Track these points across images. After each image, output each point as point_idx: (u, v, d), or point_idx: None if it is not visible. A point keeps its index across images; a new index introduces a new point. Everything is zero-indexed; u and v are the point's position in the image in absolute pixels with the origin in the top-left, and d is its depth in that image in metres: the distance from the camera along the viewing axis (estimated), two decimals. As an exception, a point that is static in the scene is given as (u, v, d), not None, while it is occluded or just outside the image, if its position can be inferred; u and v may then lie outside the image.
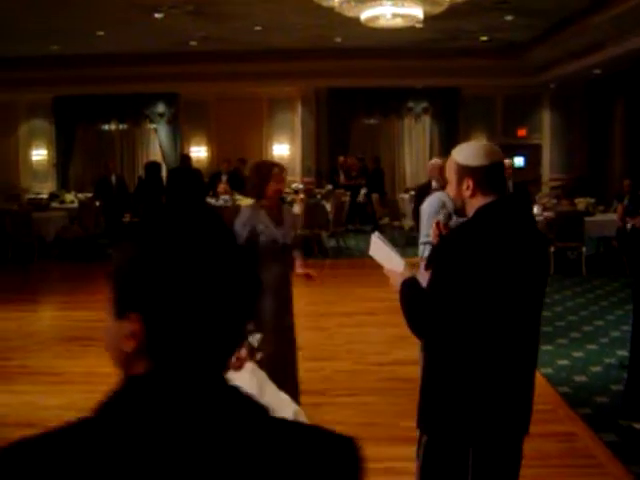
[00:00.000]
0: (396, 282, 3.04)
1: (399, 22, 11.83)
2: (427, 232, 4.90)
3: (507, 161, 7.41)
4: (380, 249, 3.24)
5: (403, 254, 3.19)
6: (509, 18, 14.25)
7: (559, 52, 15.98)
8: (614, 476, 4.74)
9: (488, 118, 19.56)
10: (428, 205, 5.63)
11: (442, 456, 2.97)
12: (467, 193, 2.93)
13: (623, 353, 7.22)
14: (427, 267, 3.52)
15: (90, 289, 11.36)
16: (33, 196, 18.00)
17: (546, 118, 20.19)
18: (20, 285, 12.06)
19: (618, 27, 12.89)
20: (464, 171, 2.93)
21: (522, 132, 20.07)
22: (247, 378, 4.42)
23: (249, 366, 4.55)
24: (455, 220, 4.34)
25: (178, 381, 1.10)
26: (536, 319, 3.02)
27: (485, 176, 2.90)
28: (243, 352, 4.62)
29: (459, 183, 2.95)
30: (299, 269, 5.70)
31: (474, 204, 2.93)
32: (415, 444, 3.22)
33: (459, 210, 3.24)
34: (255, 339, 4.71)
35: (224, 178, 16.48)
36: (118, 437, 1.05)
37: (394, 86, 19.26)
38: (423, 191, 7.06)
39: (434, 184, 6.70)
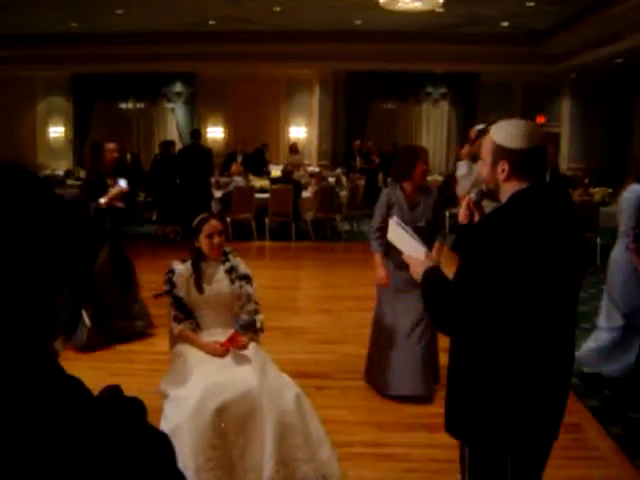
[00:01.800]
0: (417, 270, 2.87)
1: (418, 6, 11.76)
2: None
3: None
4: (399, 234, 3.07)
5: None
6: (530, 4, 14.09)
7: (580, 40, 15.80)
8: (618, 468, 4.70)
9: (507, 105, 19.39)
10: None
11: (486, 467, 2.77)
12: (502, 176, 2.72)
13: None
14: (454, 249, 3.29)
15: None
16: (49, 173, 18.06)
17: (565, 107, 20.04)
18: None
19: (638, 16, 12.72)
20: (501, 152, 2.72)
21: (541, 120, 19.90)
22: (250, 358, 4.42)
23: (252, 346, 4.55)
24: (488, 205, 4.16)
25: None
26: (573, 315, 2.81)
27: (523, 160, 2.69)
28: (247, 336, 4.62)
29: (494, 164, 2.75)
30: (434, 253, 5.61)
31: (508, 189, 2.73)
32: (423, 430, 3.18)
33: (490, 192, 2.91)
34: (258, 319, 4.70)
35: (239, 159, 16.46)
36: None
37: (413, 71, 19.18)
38: None
39: None
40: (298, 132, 20.59)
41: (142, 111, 20.94)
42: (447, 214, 12.33)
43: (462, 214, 3.14)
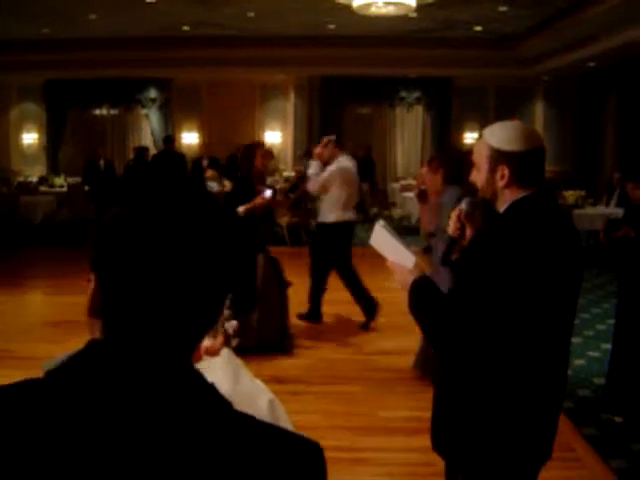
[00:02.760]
0: (404, 280, 2.62)
1: (391, 10, 11.76)
2: None
3: None
4: (384, 239, 2.78)
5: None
6: (503, 9, 14.16)
7: (553, 44, 15.90)
8: (592, 470, 4.72)
9: (481, 109, 19.48)
10: None
11: None
12: (501, 183, 2.54)
13: (608, 347, 7.20)
14: (444, 263, 3.07)
15: (77, 274, 11.28)
16: (23, 179, 17.92)
17: (539, 110, 20.17)
18: (6, 269, 11.98)
19: (613, 20, 12.80)
20: (499, 157, 2.53)
21: (514, 123, 20.00)
22: (222, 364, 4.39)
23: (225, 352, 4.52)
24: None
25: (128, 352, 1.06)
26: (570, 331, 2.65)
27: (524, 164, 2.52)
28: (219, 339, 4.59)
29: (492, 171, 2.55)
30: None
31: (508, 196, 2.55)
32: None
33: (482, 202, 2.74)
34: (231, 326, 4.68)
35: (205, 163, 16.47)
36: (56, 399, 1.01)
37: (387, 75, 19.20)
38: None
39: None
40: (273, 137, 20.55)
41: (116, 117, 20.80)
42: None
43: (452, 227, 2.96)
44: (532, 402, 2.52)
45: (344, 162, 8.29)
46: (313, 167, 8.40)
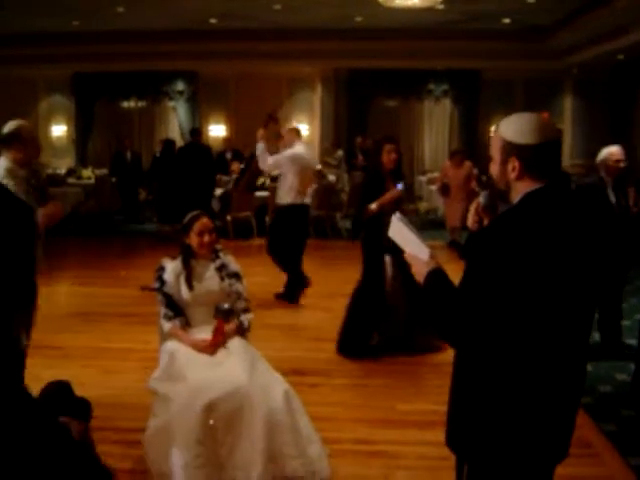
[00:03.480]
0: (421, 271, 2.65)
1: (417, 2, 11.71)
2: None
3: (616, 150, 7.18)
4: (401, 232, 2.82)
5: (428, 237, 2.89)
6: (531, 1, 14.03)
7: (582, 36, 15.74)
8: (610, 467, 4.68)
9: (509, 102, 19.29)
10: None
11: None
12: (512, 175, 2.53)
13: (632, 342, 7.13)
14: (462, 256, 3.06)
15: (102, 265, 11.39)
16: (51, 171, 18.07)
17: (568, 103, 19.97)
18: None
19: (641, 12, 12.68)
20: (511, 149, 2.53)
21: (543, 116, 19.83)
22: (239, 355, 4.42)
23: (242, 343, 4.55)
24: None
25: None
26: (588, 325, 2.63)
27: (535, 157, 2.50)
28: (231, 326, 4.61)
29: (504, 162, 2.56)
30: None
31: (520, 189, 2.54)
32: (412, 427, 3.12)
33: (503, 194, 2.69)
34: (247, 318, 4.69)
35: (229, 156, 16.51)
36: None
37: (414, 68, 19.11)
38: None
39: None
40: (300, 130, 20.52)
41: (144, 109, 20.88)
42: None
43: (471, 220, 2.96)
44: (546, 398, 2.49)
45: (299, 149, 9.21)
46: (258, 148, 9.03)
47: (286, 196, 9.07)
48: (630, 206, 6.89)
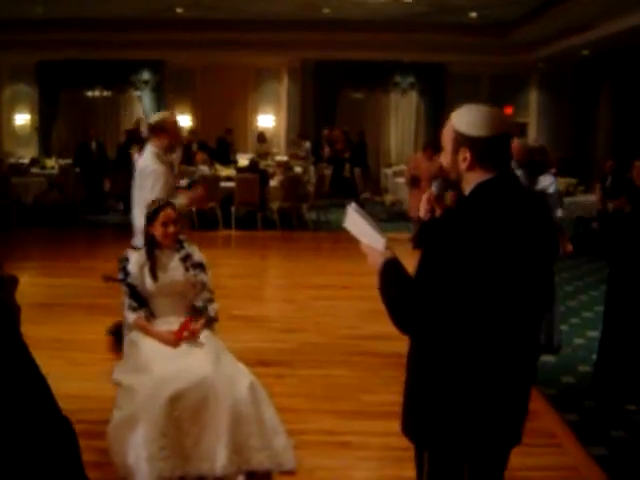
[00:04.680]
0: (376, 262, 2.65)
1: (385, -6, 11.70)
2: None
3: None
4: (357, 222, 2.79)
5: (384, 230, 2.91)
6: (498, -5, 14.14)
7: (547, 31, 15.87)
8: (572, 456, 4.73)
9: (475, 95, 19.30)
10: None
11: (443, 472, 2.65)
12: (463, 165, 2.56)
13: (594, 334, 7.22)
14: (415, 246, 3.10)
15: (66, 256, 11.28)
16: (14, 161, 17.85)
17: (533, 97, 20.13)
18: (-5, 250, 11.96)
19: (606, 7, 12.78)
20: (462, 140, 2.55)
21: (509, 110, 19.97)
22: (204, 346, 4.40)
23: (207, 334, 4.53)
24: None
25: None
26: (539, 315, 2.66)
27: (487, 149, 2.53)
28: (200, 321, 4.60)
29: (455, 152, 2.58)
30: None
31: (471, 179, 2.57)
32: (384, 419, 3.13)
33: (452, 183, 2.75)
34: (213, 309, 4.68)
35: (195, 147, 16.42)
36: None
37: (381, 60, 19.13)
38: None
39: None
40: (266, 121, 20.50)
41: (109, 99, 20.71)
42: None
43: (423, 209, 3.00)
44: (499, 385, 2.53)
45: None
46: None
47: None
48: None
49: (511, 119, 19.68)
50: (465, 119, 2.58)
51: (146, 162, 5.89)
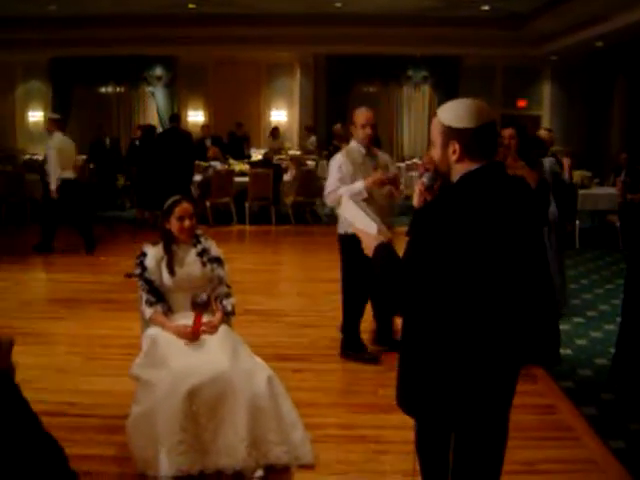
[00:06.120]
0: (369, 246, 2.88)
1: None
2: None
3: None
4: (352, 210, 3.08)
5: (397, 223, 3.04)
6: (511, -13, 14.08)
7: (560, 24, 15.79)
8: (590, 449, 4.71)
9: (488, 88, 19.35)
10: None
11: (430, 441, 2.92)
12: (453, 157, 2.73)
13: (610, 327, 7.19)
14: (408, 233, 3.24)
15: (80, 252, 11.30)
16: (28, 158, 17.92)
17: (546, 90, 20.04)
18: (10, 246, 12.02)
19: (620, -1, 12.74)
20: (451, 133, 2.72)
21: (522, 103, 19.93)
22: (221, 341, 4.40)
23: (224, 329, 4.53)
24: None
25: None
26: (525, 291, 2.75)
27: (474, 139, 2.70)
28: (218, 315, 4.60)
29: (444, 146, 2.75)
30: None
31: (459, 170, 2.73)
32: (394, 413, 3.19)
33: (442, 175, 2.97)
34: (230, 303, 4.68)
35: (208, 142, 16.43)
36: None
37: (394, 54, 19.09)
38: None
39: None
40: (279, 116, 20.51)
41: (122, 95, 20.77)
42: None
43: (416, 200, 3.25)
44: (483, 357, 2.69)
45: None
46: None
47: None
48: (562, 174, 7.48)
49: (523, 112, 19.64)
50: (452, 113, 2.75)
51: None
